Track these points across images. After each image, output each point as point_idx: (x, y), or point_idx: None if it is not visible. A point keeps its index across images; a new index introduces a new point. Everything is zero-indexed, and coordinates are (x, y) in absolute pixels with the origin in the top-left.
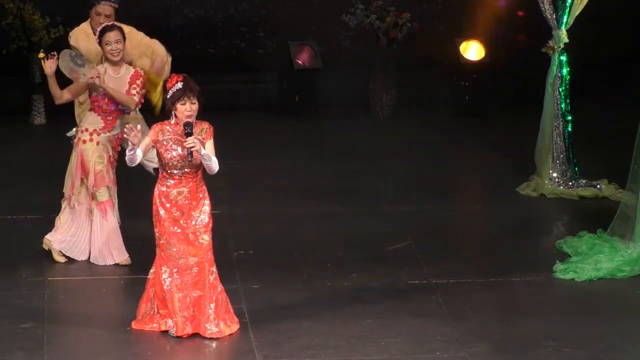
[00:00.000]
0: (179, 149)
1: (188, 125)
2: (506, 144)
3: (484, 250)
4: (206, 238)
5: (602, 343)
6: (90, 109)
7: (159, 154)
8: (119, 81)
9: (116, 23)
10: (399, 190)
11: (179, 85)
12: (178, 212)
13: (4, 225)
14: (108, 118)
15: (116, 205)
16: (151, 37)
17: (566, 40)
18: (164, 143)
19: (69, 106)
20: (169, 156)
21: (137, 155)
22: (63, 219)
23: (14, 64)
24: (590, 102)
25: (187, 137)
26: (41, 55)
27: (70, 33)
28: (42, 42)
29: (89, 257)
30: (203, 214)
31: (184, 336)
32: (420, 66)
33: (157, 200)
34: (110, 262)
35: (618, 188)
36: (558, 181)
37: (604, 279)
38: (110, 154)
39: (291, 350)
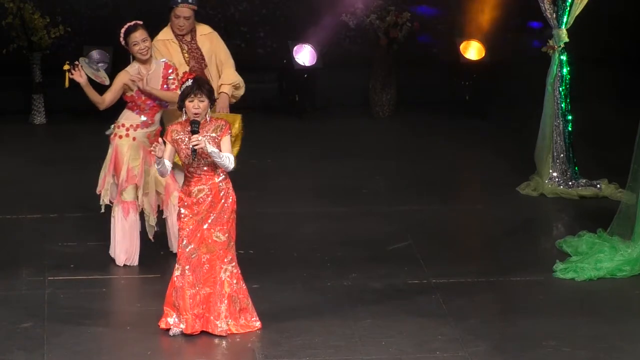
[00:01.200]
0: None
1: (194, 124)
2: (506, 144)
3: (484, 250)
4: (220, 236)
5: (603, 343)
6: (126, 107)
7: (177, 154)
8: (153, 78)
9: (139, 22)
10: (399, 190)
11: (189, 82)
12: (199, 208)
13: (4, 224)
14: (146, 114)
15: (153, 208)
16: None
17: (566, 39)
18: (179, 142)
19: (69, 106)
20: (183, 155)
21: (166, 166)
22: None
23: (14, 63)
24: (590, 102)
25: (192, 134)
26: (66, 67)
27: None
28: (42, 42)
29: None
30: (223, 212)
31: (194, 333)
32: (420, 66)
33: (180, 198)
34: (120, 262)
35: (618, 188)
36: (558, 181)
37: (604, 279)
38: (149, 148)
39: (291, 349)
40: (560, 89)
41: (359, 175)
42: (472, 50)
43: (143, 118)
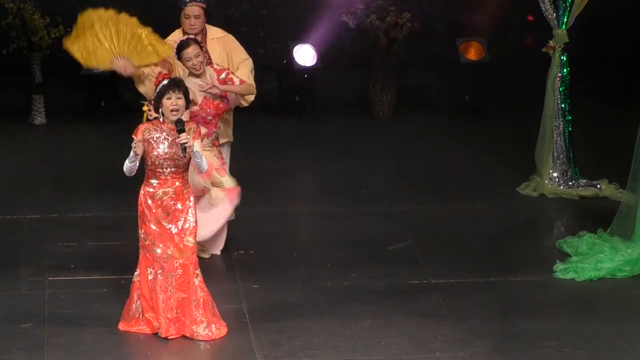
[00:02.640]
0: (165, 147)
1: (180, 122)
2: (506, 144)
3: (484, 250)
4: (191, 240)
5: (603, 343)
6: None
7: (145, 154)
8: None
9: (191, 37)
10: (399, 190)
11: (165, 81)
12: (163, 213)
13: (4, 224)
14: (210, 123)
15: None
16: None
17: (567, 40)
18: (151, 141)
19: (69, 106)
20: (155, 154)
21: (137, 165)
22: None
23: (14, 64)
24: (590, 102)
25: (179, 133)
26: (145, 108)
27: None
28: (42, 42)
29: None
30: (189, 215)
31: (169, 337)
32: (420, 66)
33: (143, 201)
34: (217, 251)
35: (618, 188)
36: (558, 181)
37: (605, 279)
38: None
39: (291, 350)
40: (561, 89)
41: (359, 176)
42: (472, 50)
43: (207, 129)
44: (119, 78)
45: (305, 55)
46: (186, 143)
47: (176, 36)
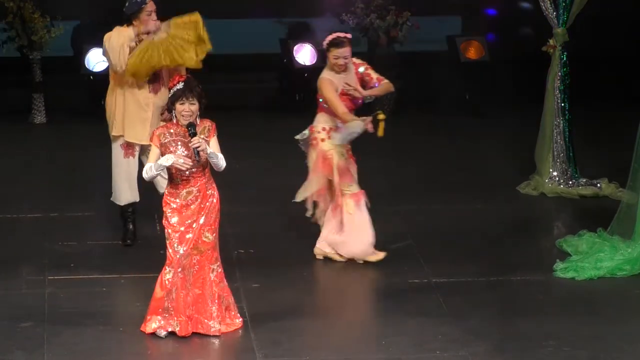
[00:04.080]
0: (183, 150)
1: (191, 126)
2: (506, 143)
3: (484, 250)
4: (209, 236)
5: (603, 342)
6: (319, 111)
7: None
8: (350, 80)
9: (341, 36)
10: (399, 190)
11: (180, 85)
12: (189, 211)
13: (5, 224)
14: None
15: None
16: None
17: (567, 38)
18: (168, 145)
19: (69, 105)
20: None
21: (152, 169)
22: (324, 223)
23: (15, 63)
24: (590, 101)
25: (191, 137)
26: (382, 117)
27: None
28: (42, 42)
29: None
30: (210, 212)
31: (187, 336)
32: (421, 65)
33: (167, 202)
34: (370, 253)
35: (618, 187)
36: (558, 180)
37: (605, 278)
38: (346, 148)
39: (291, 349)
40: (561, 88)
41: (359, 175)
42: (472, 50)
43: (339, 123)
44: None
45: (305, 54)
46: (199, 147)
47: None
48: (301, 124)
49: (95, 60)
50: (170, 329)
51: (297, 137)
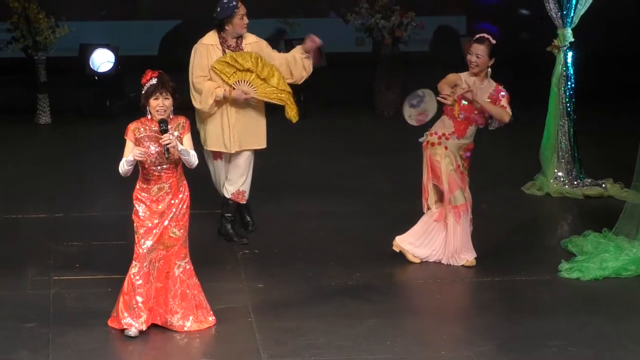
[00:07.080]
0: (156, 146)
1: (163, 122)
2: (511, 143)
3: (488, 250)
4: (177, 232)
5: (608, 342)
6: (444, 113)
7: None
8: (480, 91)
9: (485, 35)
10: (404, 189)
11: (153, 80)
12: (160, 206)
13: (10, 224)
14: (457, 123)
15: (469, 208)
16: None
17: (571, 39)
18: (142, 141)
19: (74, 106)
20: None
21: (132, 168)
22: (418, 223)
23: (19, 63)
24: (595, 101)
25: (162, 134)
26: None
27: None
28: (47, 42)
29: (442, 259)
30: (180, 209)
31: (147, 327)
32: (425, 65)
33: (138, 197)
34: (460, 262)
35: (623, 187)
36: (563, 180)
37: (610, 278)
38: (459, 163)
39: (296, 349)
40: (565, 88)
41: (363, 174)
42: None
43: (455, 127)
44: (123, 77)
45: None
46: (169, 144)
47: (210, 39)
48: (305, 123)
49: (99, 60)
50: (137, 325)
51: (420, 140)
